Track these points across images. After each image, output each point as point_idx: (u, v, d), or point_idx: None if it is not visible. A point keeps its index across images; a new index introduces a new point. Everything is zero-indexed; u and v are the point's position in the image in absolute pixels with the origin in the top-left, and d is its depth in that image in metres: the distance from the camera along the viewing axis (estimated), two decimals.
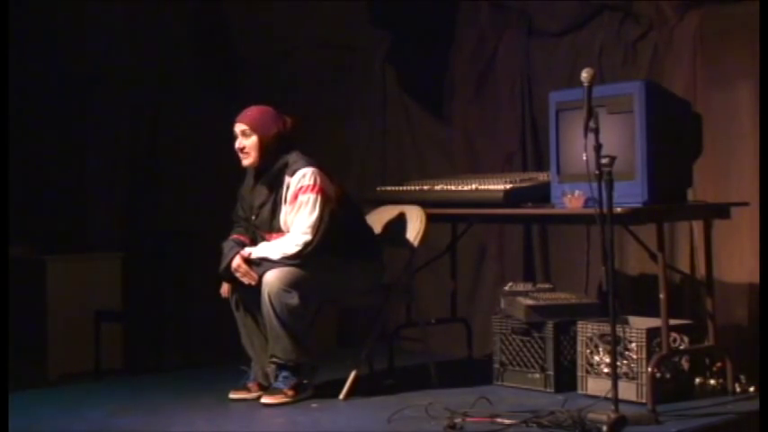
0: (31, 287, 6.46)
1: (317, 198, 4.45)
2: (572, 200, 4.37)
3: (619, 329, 4.29)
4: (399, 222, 4.88)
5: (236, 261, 4.48)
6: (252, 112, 4.59)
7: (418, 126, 6.41)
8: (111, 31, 7.17)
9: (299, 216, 4.45)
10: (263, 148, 4.53)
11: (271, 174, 4.55)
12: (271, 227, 4.56)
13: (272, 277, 4.38)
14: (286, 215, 4.51)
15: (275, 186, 4.54)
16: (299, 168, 4.49)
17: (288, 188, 4.50)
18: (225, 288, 4.63)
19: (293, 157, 4.53)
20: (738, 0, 5.05)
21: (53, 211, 7.08)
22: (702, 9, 5.21)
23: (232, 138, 4.59)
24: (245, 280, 4.47)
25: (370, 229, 4.82)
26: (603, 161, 3.90)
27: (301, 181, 4.47)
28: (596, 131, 3.91)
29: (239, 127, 4.56)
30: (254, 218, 4.62)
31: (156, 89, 7.29)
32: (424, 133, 6.39)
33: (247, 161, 4.57)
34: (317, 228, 4.44)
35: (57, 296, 6.46)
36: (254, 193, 4.62)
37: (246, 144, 4.54)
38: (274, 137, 4.53)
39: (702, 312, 4.66)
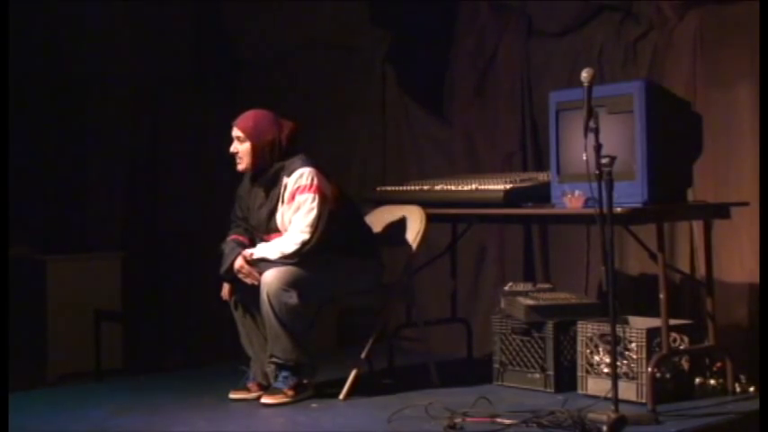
0: (31, 287, 6.46)
1: (314, 198, 4.44)
2: (572, 200, 4.37)
3: (619, 329, 4.28)
4: (399, 222, 4.87)
5: (239, 262, 4.47)
6: (248, 117, 4.57)
7: (418, 126, 6.41)
8: (111, 32, 7.17)
9: (297, 216, 4.45)
10: (256, 154, 4.52)
11: (268, 175, 4.54)
12: (268, 228, 4.56)
13: (270, 277, 4.38)
14: (283, 215, 4.51)
15: (272, 187, 4.54)
16: (296, 168, 4.48)
17: (285, 188, 4.49)
18: (226, 289, 4.62)
19: (291, 159, 4.52)
20: (738, 0, 5.05)
21: (53, 211, 7.08)
22: (702, 9, 5.21)
23: (231, 138, 4.58)
24: (248, 281, 4.47)
25: (368, 228, 4.82)
26: (603, 161, 3.90)
27: (298, 181, 4.46)
28: (596, 131, 3.91)
29: (235, 132, 4.56)
30: (251, 220, 4.62)
31: (156, 90, 7.29)
32: (424, 133, 6.39)
33: (241, 166, 4.58)
34: (316, 227, 4.43)
35: (57, 296, 6.46)
36: (252, 195, 4.62)
37: (240, 150, 4.54)
38: (269, 143, 4.52)
39: (702, 312, 4.66)
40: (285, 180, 4.50)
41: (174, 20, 7.21)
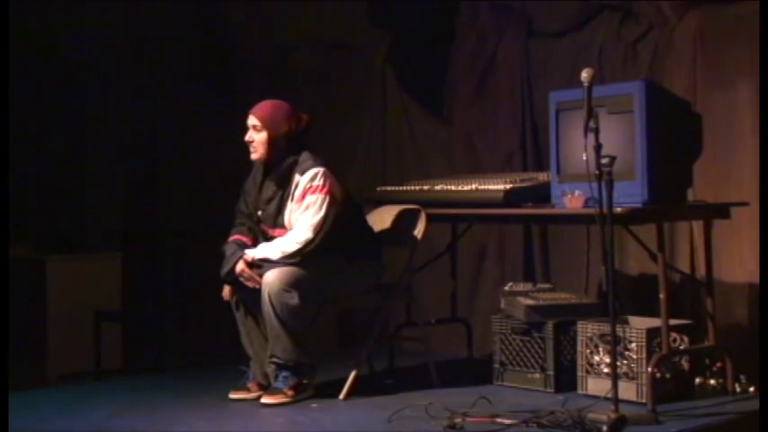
0: (31, 287, 6.45)
1: (324, 199, 4.44)
2: (572, 200, 4.37)
3: (619, 329, 4.29)
4: (399, 222, 4.88)
5: (240, 266, 4.47)
6: (266, 107, 4.56)
7: (418, 126, 6.41)
8: (111, 31, 7.17)
9: (305, 215, 4.45)
10: (271, 145, 4.51)
11: (280, 170, 4.53)
12: (275, 222, 4.55)
13: (272, 277, 4.38)
14: (291, 212, 4.51)
15: (284, 183, 4.53)
16: (309, 167, 4.48)
17: (297, 186, 4.48)
18: (227, 291, 4.62)
19: (303, 155, 4.52)
20: (738, 0, 5.05)
21: (53, 211, 7.07)
22: (702, 9, 5.21)
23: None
24: (250, 284, 4.46)
25: (370, 229, 4.82)
26: (603, 161, 3.90)
27: (311, 181, 4.45)
28: (596, 131, 3.91)
29: (251, 120, 4.55)
30: (259, 212, 4.61)
31: (156, 89, 7.29)
32: (424, 133, 6.39)
33: (255, 155, 4.56)
34: (320, 228, 4.43)
35: (57, 296, 6.45)
36: (262, 188, 4.61)
37: (256, 139, 4.53)
38: (284, 135, 4.52)
39: (702, 312, 4.67)
40: (298, 178, 4.49)
41: (174, 19, 7.20)
